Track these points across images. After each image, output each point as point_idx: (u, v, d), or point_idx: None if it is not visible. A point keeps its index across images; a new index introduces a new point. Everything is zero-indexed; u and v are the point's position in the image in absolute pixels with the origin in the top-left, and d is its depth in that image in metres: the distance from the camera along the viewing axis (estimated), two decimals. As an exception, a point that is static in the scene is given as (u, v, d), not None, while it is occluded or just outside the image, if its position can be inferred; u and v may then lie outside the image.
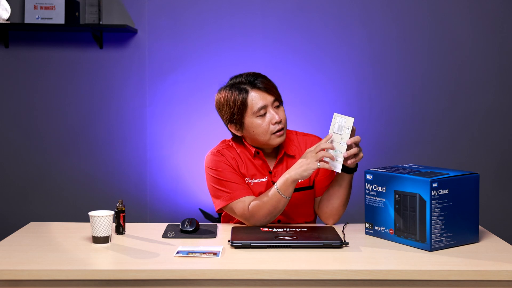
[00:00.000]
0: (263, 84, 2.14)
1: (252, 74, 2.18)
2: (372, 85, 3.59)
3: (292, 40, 3.56)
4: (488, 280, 1.67)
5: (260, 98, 2.13)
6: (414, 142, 3.59)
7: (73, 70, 3.58)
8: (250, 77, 2.16)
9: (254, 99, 2.13)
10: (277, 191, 2.04)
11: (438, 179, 1.83)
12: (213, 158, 2.19)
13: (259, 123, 2.13)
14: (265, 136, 2.14)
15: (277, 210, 2.06)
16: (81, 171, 3.61)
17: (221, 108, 2.19)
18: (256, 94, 2.13)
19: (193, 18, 3.56)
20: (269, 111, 2.14)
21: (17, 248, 1.87)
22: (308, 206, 2.23)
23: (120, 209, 2.03)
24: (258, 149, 2.21)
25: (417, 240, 1.86)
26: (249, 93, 2.13)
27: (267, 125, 2.13)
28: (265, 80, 2.17)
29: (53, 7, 3.45)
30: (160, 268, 1.69)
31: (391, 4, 3.56)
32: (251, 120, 2.14)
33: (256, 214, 2.07)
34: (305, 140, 2.27)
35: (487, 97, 3.59)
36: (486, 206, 3.27)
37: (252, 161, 2.21)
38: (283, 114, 2.18)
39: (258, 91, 2.14)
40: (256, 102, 2.13)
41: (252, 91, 2.13)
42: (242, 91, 2.14)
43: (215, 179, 2.17)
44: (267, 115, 2.14)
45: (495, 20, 3.56)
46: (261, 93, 2.13)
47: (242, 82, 2.16)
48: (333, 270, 1.67)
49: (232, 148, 2.22)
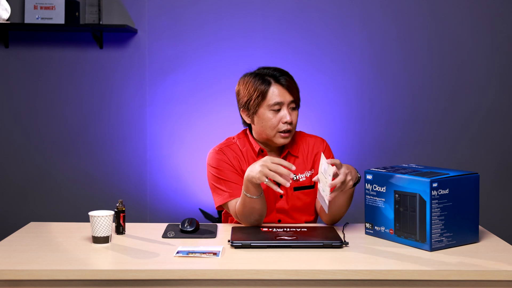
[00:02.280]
0: (286, 82, 2.18)
1: (279, 69, 2.23)
2: (372, 85, 3.59)
3: (292, 40, 3.56)
4: (488, 280, 1.66)
5: (280, 94, 2.16)
6: (414, 142, 3.59)
7: (73, 70, 3.58)
8: (277, 72, 2.20)
9: (274, 93, 2.16)
10: (244, 193, 2.03)
11: (438, 179, 1.83)
12: (215, 156, 2.21)
13: (270, 117, 2.16)
14: (272, 132, 2.16)
15: (255, 210, 2.04)
16: (81, 171, 3.61)
17: (240, 91, 2.23)
18: (277, 89, 2.16)
19: (193, 18, 3.56)
20: (283, 109, 2.16)
21: (17, 248, 1.87)
22: (308, 205, 2.24)
23: (120, 209, 2.03)
24: (263, 148, 2.22)
25: (417, 240, 1.86)
26: (271, 86, 2.17)
27: (276, 122, 2.16)
28: (290, 80, 2.20)
29: (53, 7, 3.45)
30: (160, 268, 1.69)
31: (391, 4, 3.56)
32: (264, 111, 2.16)
33: (241, 215, 2.08)
34: (308, 141, 2.29)
35: (487, 97, 3.59)
36: (486, 206, 3.27)
37: (255, 159, 2.22)
38: (295, 118, 2.20)
39: (280, 87, 2.17)
40: (274, 96, 2.16)
41: (275, 85, 2.17)
42: (265, 82, 2.17)
43: (214, 177, 2.19)
44: (280, 112, 2.16)
45: (495, 20, 3.56)
46: (282, 90, 2.17)
47: (268, 74, 2.20)
48: (333, 270, 1.67)
49: (236, 146, 2.24)
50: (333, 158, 2.27)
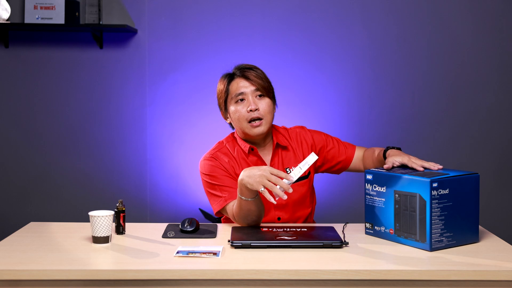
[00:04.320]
0: (247, 74, 2.21)
1: (244, 65, 2.27)
2: (372, 85, 3.59)
3: (292, 40, 3.56)
4: (488, 280, 1.66)
5: (241, 85, 2.21)
6: (414, 142, 3.59)
7: (73, 70, 3.58)
8: (242, 66, 2.26)
9: (235, 85, 2.22)
10: (239, 196, 2.00)
11: (438, 179, 1.83)
12: (207, 163, 2.22)
13: (238, 108, 2.20)
14: (242, 123, 2.19)
15: (251, 211, 2.02)
16: (81, 171, 3.61)
17: (216, 95, 2.29)
18: (238, 81, 2.22)
19: (193, 18, 3.56)
20: (248, 99, 2.19)
21: (17, 248, 1.87)
22: (304, 196, 2.24)
23: (120, 209, 2.03)
24: (252, 146, 2.23)
25: (417, 240, 1.86)
26: (234, 80, 2.23)
27: (244, 112, 2.18)
28: (253, 71, 2.23)
29: (53, 7, 3.45)
30: (160, 268, 1.69)
31: (391, 4, 3.56)
32: (231, 105, 2.21)
33: (238, 217, 2.07)
34: (289, 133, 2.32)
35: (487, 97, 3.59)
36: (486, 206, 3.27)
37: (246, 159, 2.22)
38: (264, 105, 2.20)
39: (241, 79, 2.22)
40: (235, 88, 2.21)
41: (236, 78, 2.23)
42: (228, 77, 2.25)
43: (209, 184, 2.19)
44: (245, 102, 2.19)
45: (495, 20, 3.56)
46: (243, 81, 2.21)
47: (233, 71, 2.27)
48: (333, 270, 1.67)
49: (226, 149, 2.25)
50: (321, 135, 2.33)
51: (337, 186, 3.57)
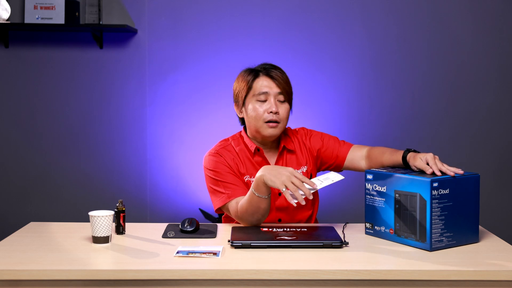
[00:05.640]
0: (274, 75, 2.20)
1: (271, 64, 2.26)
2: (372, 85, 3.59)
3: (292, 40, 3.56)
4: (488, 280, 1.66)
5: (266, 85, 2.19)
6: (414, 142, 3.59)
7: (73, 70, 3.58)
8: (268, 66, 2.24)
9: (260, 83, 2.20)
10: (253, 192, 2.00)
11: (439, 179, 1.83)
12: (211, 159, 2.21)
13: (256, 107, 2.18)
14: (258, 122, 2.18)
15: (260, 209, 2.02)
16: (81, 171, 3.61)
17: (234, 86, 2.27)
18: (263, 80, 2.20)
19: (193, 18, 3.56)
20: (270, 100, 2.18)
21: (17, 248, 1.87)
22: (306, 199, 2.23)
23: (120, 209, 2.03)
24: (259, 146, 2.23)
25: (417, 240, 1.86)
26: (258, 77, 2.21)
27: (262, 112, 2.17)
28: (279, 73, 2.22)
29: (53, 7, 3.45)
30: (160, 268, 1.69)
31: (391, 4, 3.56)
32: (251, 102, 2.19)
33: (244, 215, 2.07)
34: (295, 135, 2.32)
35: (487, 97, 3.59)
36: (486, 206, 3.27)
37: (251, 159, 2.22)
38: (284, 111, 2.20)
39: (267, 78, 2.20)
40: (260, 86, 2.19)
41: (262, 76, 2.21)
42: (253, 73, 2.22)
43: (212, 180, 2.18)
44: (266, 103, 2.18)
45: (495, 20, 3.56)
46: (269, 81, 2.20)
47: (259, 68, 2.24)
48: (333, 270, 1.67)
49: (231, 147, 2.24)
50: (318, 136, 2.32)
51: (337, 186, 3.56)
